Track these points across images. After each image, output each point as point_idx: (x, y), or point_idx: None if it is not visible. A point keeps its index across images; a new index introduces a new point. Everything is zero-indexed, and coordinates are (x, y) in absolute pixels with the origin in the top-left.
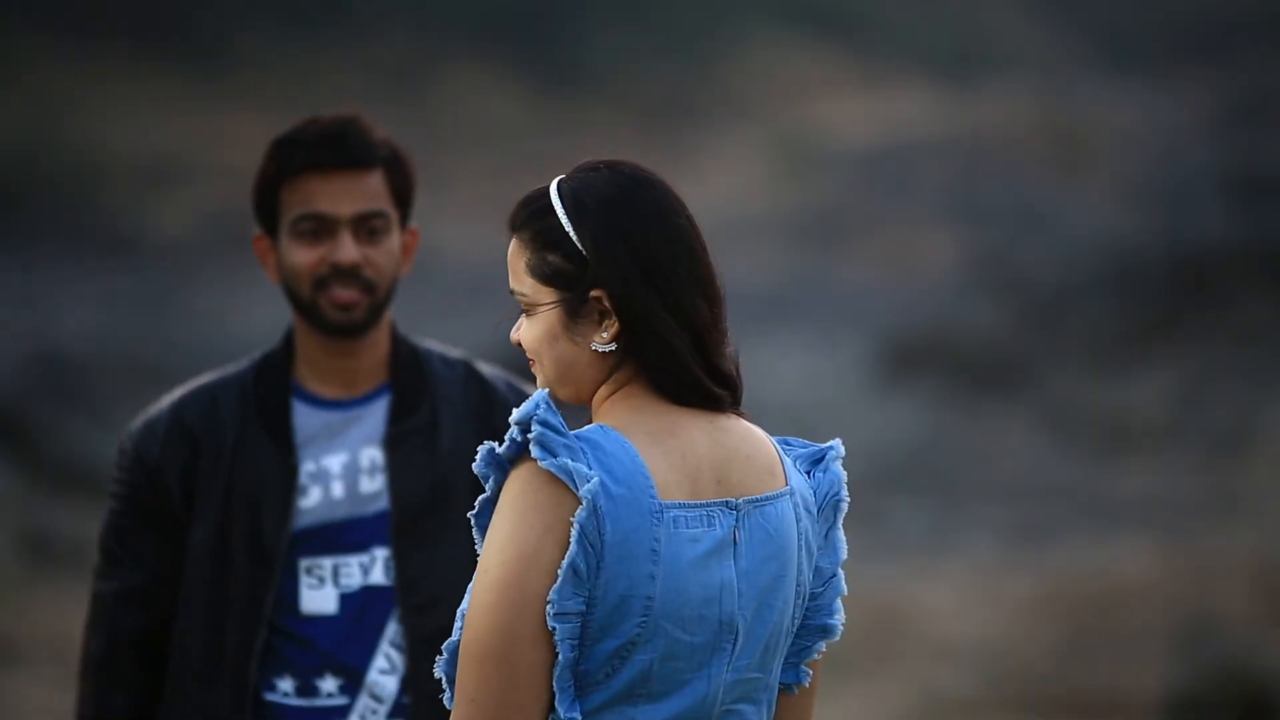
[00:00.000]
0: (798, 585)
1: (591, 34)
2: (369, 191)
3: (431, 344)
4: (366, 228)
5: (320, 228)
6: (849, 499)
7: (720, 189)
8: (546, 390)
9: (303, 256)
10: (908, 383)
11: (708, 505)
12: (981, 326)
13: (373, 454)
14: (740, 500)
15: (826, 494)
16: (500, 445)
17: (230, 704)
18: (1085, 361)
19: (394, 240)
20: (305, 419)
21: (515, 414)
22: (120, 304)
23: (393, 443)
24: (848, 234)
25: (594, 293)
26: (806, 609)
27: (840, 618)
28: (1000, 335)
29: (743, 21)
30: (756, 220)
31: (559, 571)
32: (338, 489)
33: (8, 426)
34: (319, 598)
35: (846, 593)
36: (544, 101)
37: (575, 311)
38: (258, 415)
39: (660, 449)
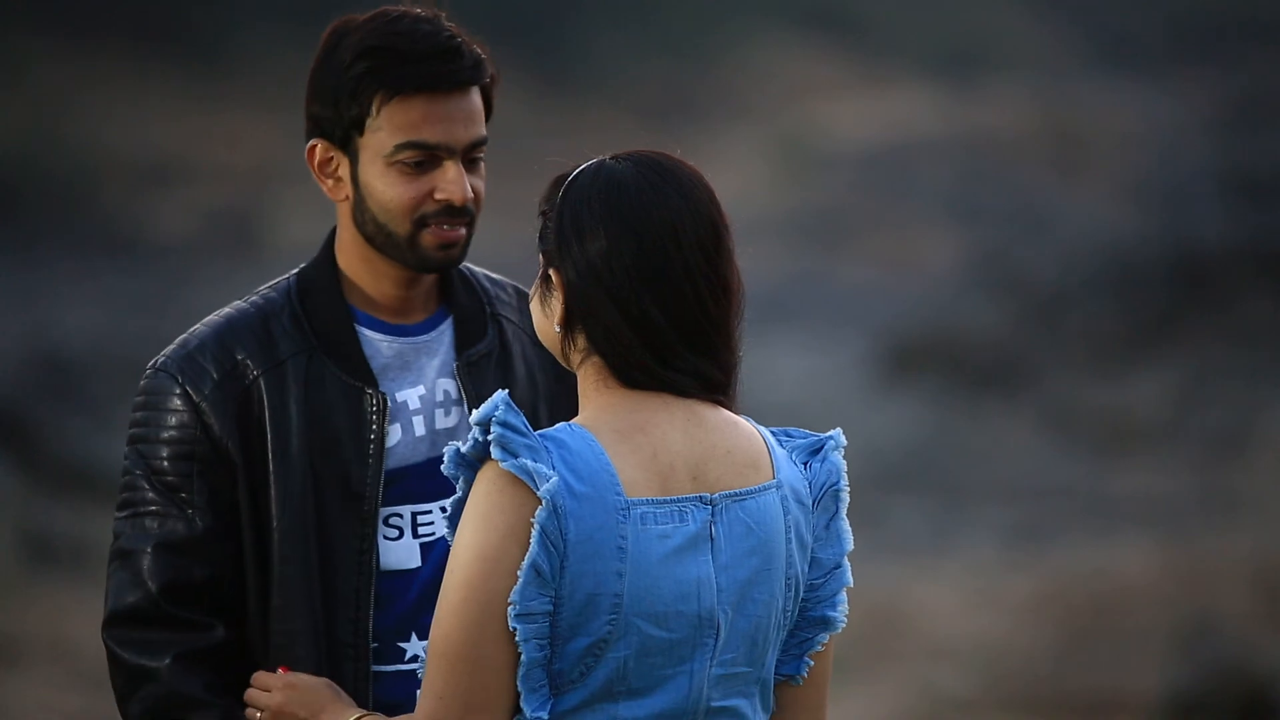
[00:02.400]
0: (787, 579)
1: (591, 34)
2: (475, 113)
3: (469, 264)
4: (470, 156)
5: (427, 158)
6: (848, 489)
7: (720, 189)
8: (506, 390)
9: (404, 190)
10: (908, 383)
11: (680, 500)
12: (981, 326)
13: (446, 385)
14: (717, 495)
15: (824, 484)
16: (464, 445)
17: (353, 674)
18: (1085, 361)
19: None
20: (374, 348)
21: (475, 414)
22: (120, 304)
23: (466, 371)
24: (848, 234)
25: (552, 271)
26: (806, 601)
27: (843, 609)
28: (1000, 335)
29: (743, 21)
30: (756, 220)
31: (519, 572)
32: (419, 426)
33: (8, 426)
34: (399, 550)
35: (852, 584)
36: (544, 101)
37: (546, 283)
38: (321, 344)
39: (628, 446)
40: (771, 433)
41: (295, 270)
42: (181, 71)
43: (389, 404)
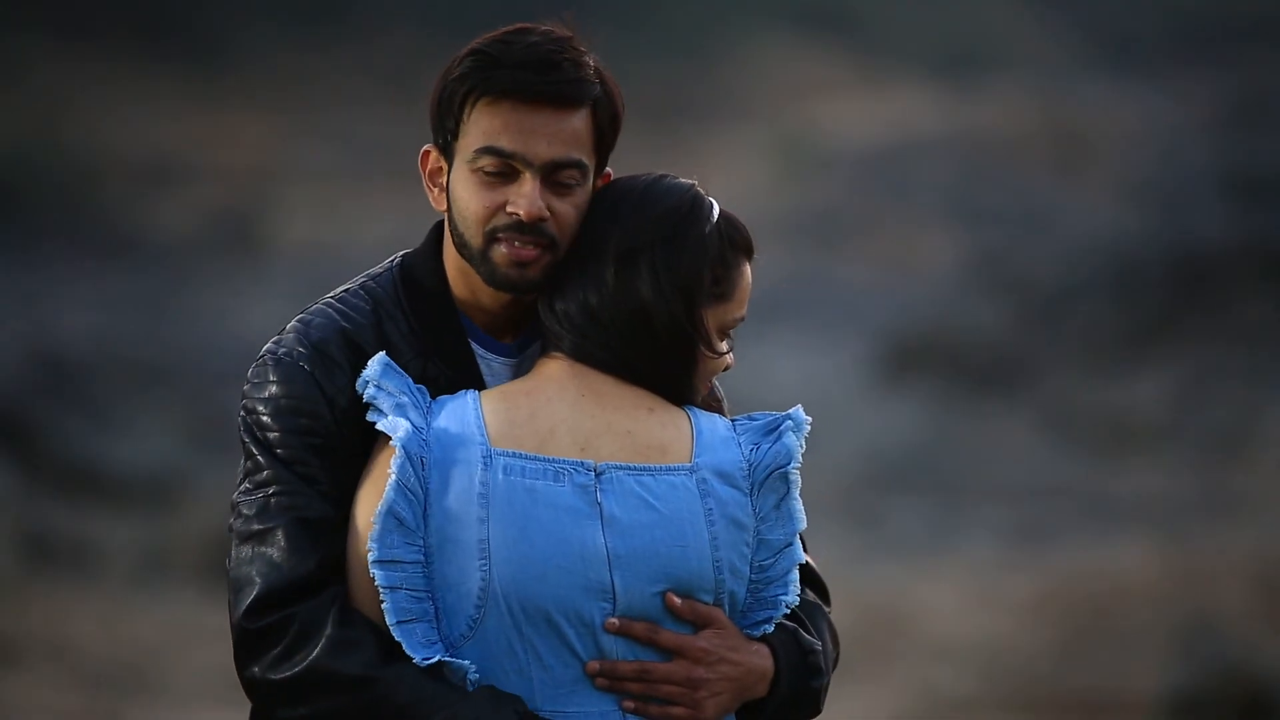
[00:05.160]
0: (716, 561)
1: (591, 34)
2: (570, 135)
3: None
4: (557, 176)
5: (505, 168)
6: (798, 467)
7: (720, 189)
8: (384, 351)
9: (477, 199)
10: (908, 383)
11: (555, 461)
12: (981, 326)
13: None
14: (603, 464)
15: (769, 466)
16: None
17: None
18: (1085, 361)
19: (585, 193)
20: (486, 365)
21: (358, 381)
22: (120, 304)
23: None
24: (848, 234)
25: None
26: (756, 582)
27: (794, 589)
28: (1000, 335)
29: (743, 21)
30: (756, 220)
31: (373, 519)
32: None
33: (8, 426)
34: None
35: (804, 560)
36: None
37: None
38: (435, 350)
39: (506, 404)
40: (734, 419)
41: (393, 264)
42: (181, 71)
43: None
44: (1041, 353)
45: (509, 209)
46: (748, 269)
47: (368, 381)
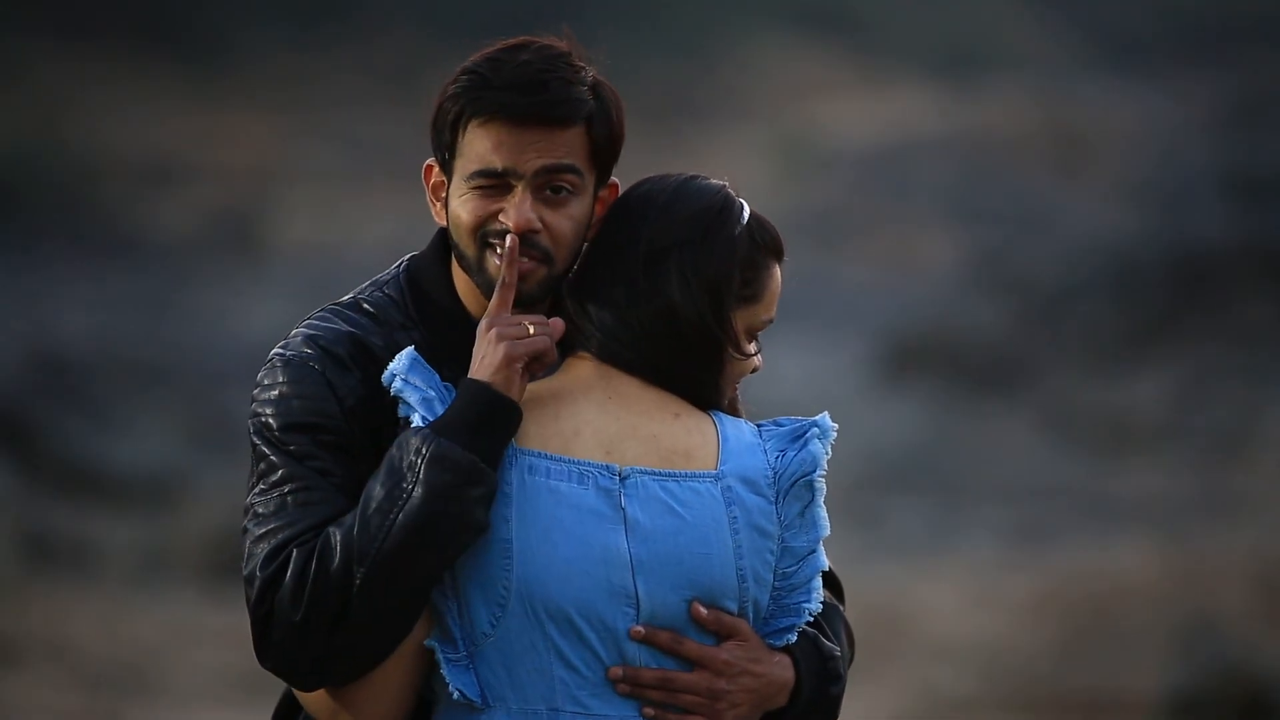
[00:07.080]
0: (739, 569)
1: (591, 34)
2: (561, 148)
3: None
4: (551, 185)
5: (499, 184)
6: (823, 475)
7: None
8: (413, 345)
9: (469, 210)
10: (908, 383)
11: (580, 463)
12: (981, 326)
13: None
14: (628, 468)
15: (795, 474)
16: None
17: None
18: (1085, 361)
19: (582, 204)
20: None
21: (385, 373)
22: (120, 304)
23: None
24: (848, 234)
25: None
26: (779, 589)
27: (818, 596)
28: (1000, 335)
29: (743, 21)
30: None
31: None
32: None
33: (8, 426)
34: None
35: (828, 567)
36: None
37: None
38: (454, 362)
39: (531, 403)
40: (760, 425)
41: (399, 270)
42: (181, 71)
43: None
44: (1041, 353)
45: (500, 218)
46: (777, 271)
47: (395, 375)
